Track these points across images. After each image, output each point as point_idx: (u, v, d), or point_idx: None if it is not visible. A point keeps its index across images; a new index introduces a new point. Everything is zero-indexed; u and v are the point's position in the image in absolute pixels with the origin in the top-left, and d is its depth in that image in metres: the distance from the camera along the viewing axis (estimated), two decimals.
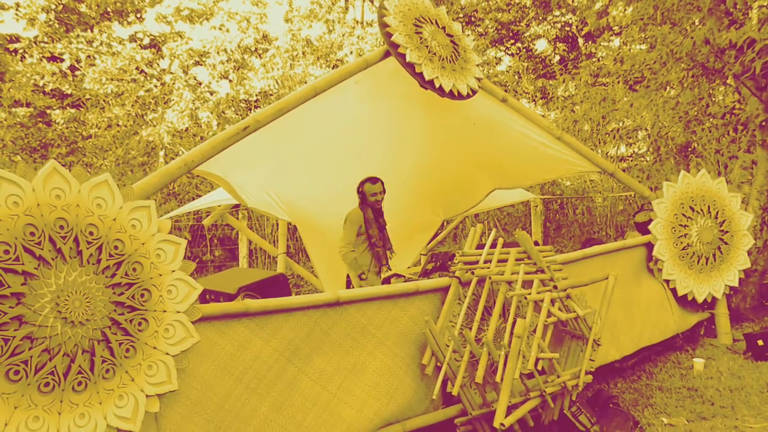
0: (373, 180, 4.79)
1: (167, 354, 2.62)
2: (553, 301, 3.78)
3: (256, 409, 2.97)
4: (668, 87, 9.11)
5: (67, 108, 14.66)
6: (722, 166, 7.59)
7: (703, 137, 8.21)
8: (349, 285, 5.15)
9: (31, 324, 2.27)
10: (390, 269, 4.87)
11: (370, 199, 4.79)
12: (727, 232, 5.28)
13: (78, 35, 15.02)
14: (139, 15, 16.34)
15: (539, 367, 3.52)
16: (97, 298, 2.45)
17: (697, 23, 7.28)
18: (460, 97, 4.29)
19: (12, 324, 2.23)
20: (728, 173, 7.09)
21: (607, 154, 11.74)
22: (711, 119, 8.24)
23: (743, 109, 7.52)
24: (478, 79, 4.44)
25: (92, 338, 2.43)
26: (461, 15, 16.09)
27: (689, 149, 9.24)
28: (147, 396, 2.55)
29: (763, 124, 6.09)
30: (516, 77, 15.19)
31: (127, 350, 2.52)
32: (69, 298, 2.37)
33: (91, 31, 15.23)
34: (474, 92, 4.39)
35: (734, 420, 3.71)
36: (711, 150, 7.90)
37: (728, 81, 7.69)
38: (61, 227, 2.38)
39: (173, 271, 2.69)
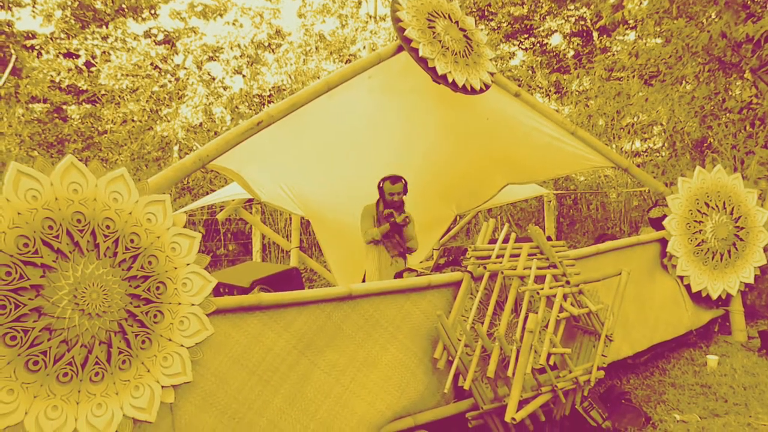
0: (393, 180, 4.90)
1: (182, 346, 2.66)
2: (565, 297, 3.78)
3: (270, 401, 3.00)
4: (684, 81, 9.01)
5: (83, 104, 14.83)
6: (738, 161, 7.49)
7: (719, 132, 8.11)
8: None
9: (49, 316, 2.32)
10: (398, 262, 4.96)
11: (387, 198, 4.91)
12: (742, 228, 5.23)
13: (93, 31, 15.17)
14: (153, 11, 16.45)
15: (551, 363, 3.52)
16: (113, 290, 2.49)
17: (713, 17, 7.20)
18: (473, 91, 4.29)
19: (31, 315, 2.28)
20: (745, 169, 7.01)
21: (621, 149, 11.64)
22: (727, 114, 8.14)
23: (760, 103, 7.43)
24: (491, 74, 4.43)
25: (109, 330, 2.47)
26: (474, 9, 16.01)
27: (705, 144, 9.13)
28: (162, 387, 2.58)
29: None
30: (530, 72, 15.10)
31: (143, 342, 2.56)
32: (86, 290, 2.41)
33: (106, 28, 15.37)
34: (487, 87, 4.39)
35: (747, 417, 3.68)
36: (727, 145, 7.80)
37: (745, 75, 7.60)
38: (79, 221, 2.42)
39: (188, 264, 2.73)
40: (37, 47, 14.73)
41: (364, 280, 5.27)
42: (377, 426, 3.25)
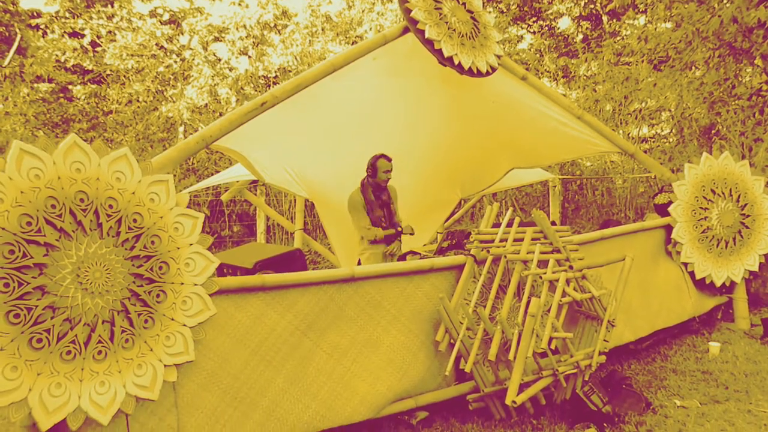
0: (388, 158, 4.83)
1: (185, 325, 2.68)
2: (568, 281, 3.77)
3: (272, 381, 3.02)
4: (693, 67, 8.91)
5: (88, 83, 14.78)
6: (746, 148, 7.42)
7: (727, 119, 8.03)
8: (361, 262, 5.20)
9: (53, 294, 2.33)
10: (398, 244, 4.96)
11: (381, 176, 4.84)
12: (748, 216, 5.20)
13: (98, 11, 15.06)
14: None
15: (553, 347, 3.53)
16: (116, 269, 2.50)
17: (725, 1, 7.10)
18: (479, 74, 4.25)
19: (35, 293, 2.29)
20: (752, 156, 6.94)
21: (628, 135, 11.55)
22: (736, 101, 8.05)
23: None
24: (498, 57, 4.39)
25: (112, 309, 2.48)
26: None
27: (713, 131, 9.05)
28: (165, 366, 2.60)
29: None
30: (537, 55, 14.95)
31: (146, 321, 2.57)
32: (89, 269, 2.42)
33: (112, 7, 15.26)
34: (493, 70, 4.34)
35: (748, 404, 3.69)
36: (735, 132, 7.72)
37: (756, 61, 7.50)
38: (82, 200, 2.42)
39: (191, 244, 2.73)
40: (42, 26, 14.65)
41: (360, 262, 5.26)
42: (378, 407, 3.28)
